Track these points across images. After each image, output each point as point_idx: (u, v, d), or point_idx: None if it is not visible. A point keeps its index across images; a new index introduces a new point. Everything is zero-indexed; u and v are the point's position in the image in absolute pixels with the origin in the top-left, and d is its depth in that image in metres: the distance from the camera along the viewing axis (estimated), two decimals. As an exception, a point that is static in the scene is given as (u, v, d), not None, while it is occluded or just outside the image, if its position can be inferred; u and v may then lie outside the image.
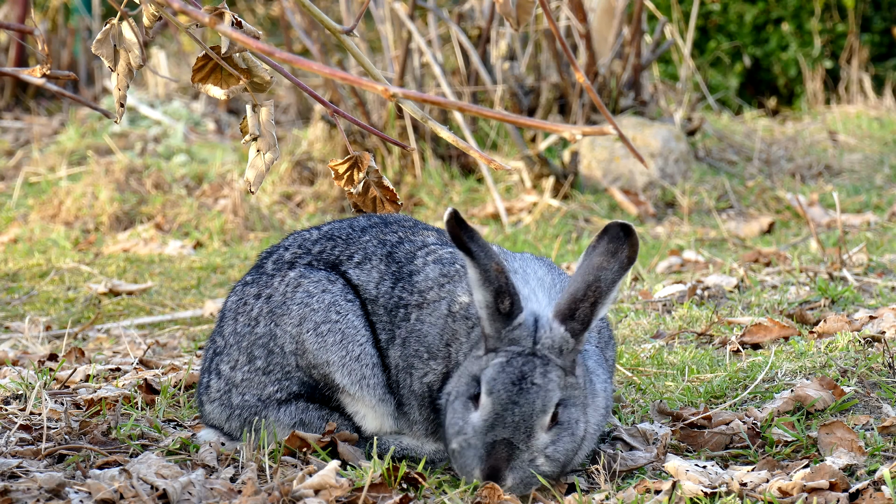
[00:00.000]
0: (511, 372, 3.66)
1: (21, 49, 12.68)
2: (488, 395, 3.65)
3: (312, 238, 4.19)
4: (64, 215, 9.38)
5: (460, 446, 3.68)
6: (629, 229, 3.71)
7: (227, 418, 4.11)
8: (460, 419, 3.70)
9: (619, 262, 3.71)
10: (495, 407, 3.64)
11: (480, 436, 3.65)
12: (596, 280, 3.70)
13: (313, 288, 4.03)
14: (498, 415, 3.64)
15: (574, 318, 3.71)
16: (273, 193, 9.74)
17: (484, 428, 3.65)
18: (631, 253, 3.71)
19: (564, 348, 3.71)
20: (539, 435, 3.66)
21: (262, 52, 2.81)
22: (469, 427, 3.67)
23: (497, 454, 3.63)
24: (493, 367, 3.67)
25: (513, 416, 3.63)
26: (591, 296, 3.70)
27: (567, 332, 3.71)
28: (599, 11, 10.16)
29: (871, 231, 8.20)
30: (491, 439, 3.64)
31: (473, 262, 3.66)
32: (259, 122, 4.01)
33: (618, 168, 9.72)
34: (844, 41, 13.94)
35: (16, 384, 4.89)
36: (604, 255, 3.71)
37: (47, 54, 3.68)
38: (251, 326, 4.07)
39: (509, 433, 3.63)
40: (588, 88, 2.96)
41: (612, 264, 3.71)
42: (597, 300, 3.70)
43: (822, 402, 4.33)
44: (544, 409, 3.65)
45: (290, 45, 12.23)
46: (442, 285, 3.97)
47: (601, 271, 3.70)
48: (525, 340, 3.69)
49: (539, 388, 3.65)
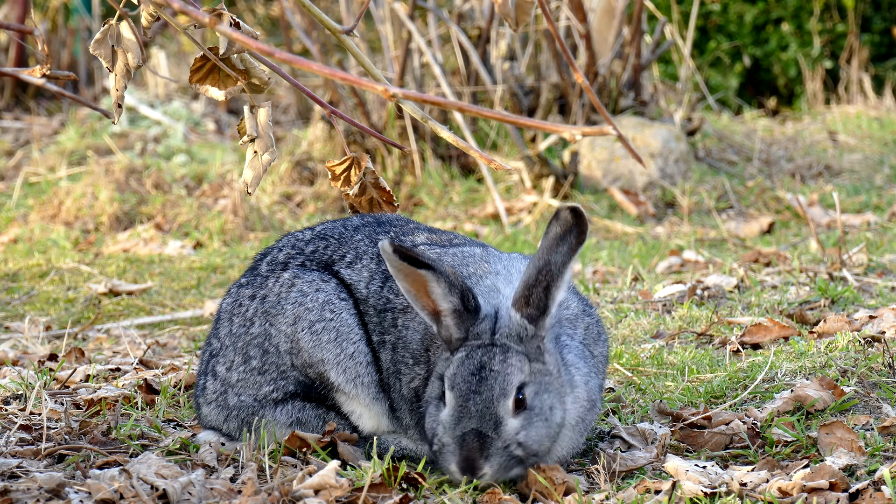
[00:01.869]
0: (470, 364, 3.69)
1: (21, 49, 12.68)
2: (451, 391, 3.68)
3: (306, 238, 4.21)
4: (64, 215, 9.38)
5: (437, 447, 3.71)
6: (578, 212, 3.74)
7: (225, 419, 4.12)
8: (433, 421, 3.73)
9: (568, 244, 3.74)
10: (458, 400, 3.67)
11: (450, 431, 3.68)
12: (546, 264, 3.73)
13: (307, 287, 4.04)
14: (461, 407, 3.66)
15: (529, 304, 3.74)
16: (273, 194, 9.74)
17: (451, 423, 3.67)
18: (579, 234, 3.74)
19: (523, 335, 3.73)
20: (507, 421, 3.67)
21: (262, 53, 2.81)
22: (439, 426, 3.70)
23: (468, 445, 3.65)
24: (455, 363, 3.71)
25: (475, 405, 3.65)
26: (543, 280, 3.73)
27: (524, 318, 3.73)
28: (599, 11, 10.16)
29: (871, 231, 8.20)
30: (460, 432, 3.66)
31: (436, 275, 3.70)
32: (257, 123, 4.01)
33: (618, 168, 9.72)
34: (844, 41, 13.94)
35: (16, 384, 4.89)
36: (554, 240, 3.75)
37: (47, 54, 3.68)
38: (246, 327, 4.08)
39: (476, 423, 3.65)
40: (587, 89, 2.96)
41: (561, 247, 3.74)
42: (549, 284, 3.73)
43: (822, 402, 4.33)
44: (504, 393, 3.67)
45: (289, 46, 12.23)
46: None
47: (551, 255, 3.74)
48: (485, 334, 3.73)
49: (497, 373, 3.68)
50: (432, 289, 3.72)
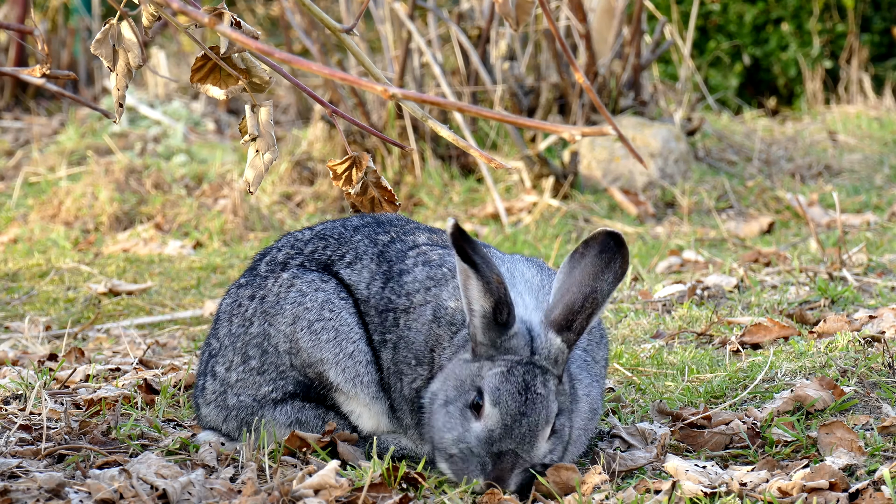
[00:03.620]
0: (515, 381, 3.66)
1: (21, 49, 12.67)
2: (494, 406, 3.65)
3: (305, 238, 4.20)
4: (64, 215, 9.38)
5: (462, 452, 3.68)
6: (619, 238, 3.72)
7: (224, 420, 4.12)
8: (459, 426, 3.69)
9: (614, 273, 3.73)
10: (503, 418, 3.64)
11: (485, 446, 3.65)
12: (593, 292, 3.71)
13: (306, 287, 4.03)
14: (506, 426, 3.64)
15: (571, 330, 3.73)
16: (273, 193, 9.74)
17: (489, 439, 3.65)
18: (623, 264, 3.73)
19: (560, 358, 3.72)
20: (541, 445, 3.67)
21: (262, 53, 2.81)
22: (471, 436, 3.67)
23: (503, 465, 3.64)
24: (495, 377, 3.67)
25: (520, 428, 3.64)
26: (588, 307, 3.72)
27: (563, 342, 3.72)
28: (599, 11, 10.16)
29: (871, 231, 8.20)
30: (497, 450, 3.64)
31: (477, 274, 3.65)
32: (258, 122, 4.01)
33: (618, 168, 9.72)
34: (844, 41, 13.94)
35: (16, 384, 4.89)
36: (597, 266, 3.72)
37: (47, 54, 3.68)
38: (245, 327, 4.08)
39: (515, 444, 3.64)
40: (587, 89, 2.96)
41: (606, 275, 3.72)
42: (592, 311, 3.72)
43: (822, 402, 4.33)
44: (548, 420, 3.67)
45: (289, 45, 12.23)
46: (428, 289, 3.97)
47: (597, 282, 3.71)
48: (522, 350, 3.70)
49: (543, 398, 3.66)
50: (470, 285, 3.68)
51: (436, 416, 3.75)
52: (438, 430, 3.73)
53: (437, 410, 3.75)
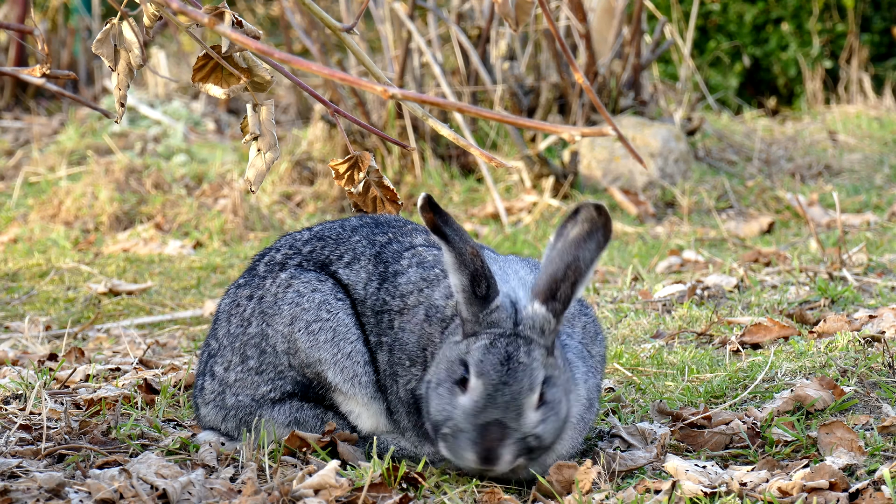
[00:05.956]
0: (497, 352, 3.67)
1: (21, 49, 12.68)
2: (478, 377, 3.66)
3: (303, 239, 4.21)
4: (64, 215, 9.38)
5: (451, 431, 3.68)
6: (602, 209, 3.75)
7: (223, 419, 4.12)
8: (447, 404, 3.70)
9: (596, 241, 3.75)
10: (486, 388, 3.65)
11: (471, 418, 3.65)
12: (575, 260, 3.73)
13: (303, 287, 4.04)
14: (489, 395, 3.65)
15: (555, 298, 3.74)
16: (273, 193, 9.74)
17: (475, 410, 3.65)
18: (606, 232, 3.76)
19: (546, 328, 3.73)
20: (528, 414, 3.67)
21: (262, 53, 2.81)
22: (458, 411, 3.67)
23: (490, 435, 3.64)
24: (479, 350, 3.69)
25: (503, 397, 3.64)
26: (571, 275, 3.73)
27: (549, 311, 3.73)
28: (599, 11, 10.16)
29: (871, 231, 8.20)
30: (482, 421, 3.64)
31: (449, 246, 3.69)
32: (259, 121, 4.01)
33: (618, 168, 9.72)
34: (844, 41, 13.94)
35: (16, 384, 4.89)
36: (580, 236, 3.75)
37: (47, 54, 3.68)
38: (244, 327, 4.09)
39: (500, 413, 3.64)
40: (587, 89, 2.96)
41: (588, 244, 3.74)
42: (576, 280, 3.74)
43: (822, 402, 4.33)
44: (531, 388, 3.66)
45: (289, 45, 12.23)
46: (421, 290, 3.99)
47: (579, 250, 3.74)
48: (505, 322, 3.72)
49: (525, 366, 3.67)
50: (446, 259, 3.71)
51: (430, 401, 3.76)
52: (432, 414, 3.75)
53: (430, 394, 3.76)
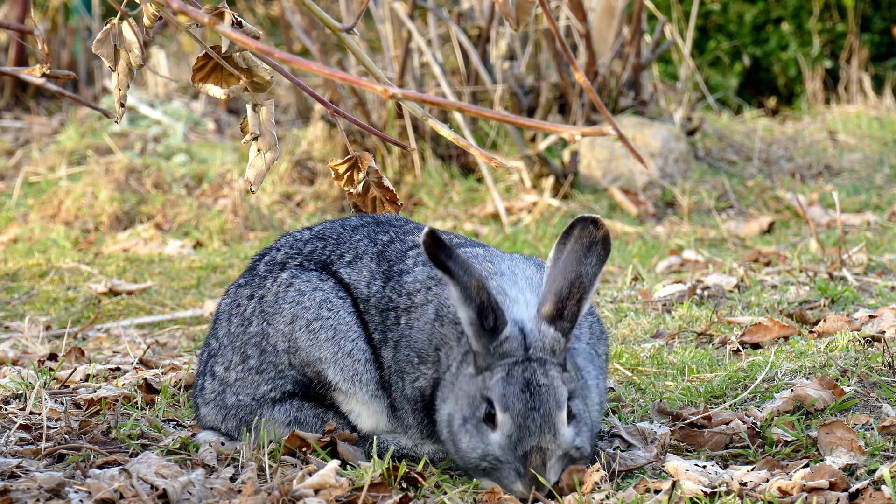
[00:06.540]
0: (515, 382, 3.67)
1: (21, 49, 12.67)
2: (504, 412, 3.66)
3: (304, 239, 4.21)
4: (64, 215, 9.38)
5: (492, 466, 3.69)
6: (599, 222, 3.75)
7: (223, 419, 4.12)
8: (480, 443, 3.70)
9: (596, 255, 3.75)
10: (515, 420, 3.65)
11: (510, 452, 3.66)
12: (578, 276, 3.73)
13: (304, 286, 4.04)
14: (520, 426, 3.65)
15: (563, 318, 3.74)
16: (273, 193, 9.74)
17: (511, 444, 3.66)
18: (606, 245, 3.76)
19: (557, 348, 3.73)
20: (563, 431, 3.68)
21: (262, 53, 2.81)
22: (494, 447, 3.68)
23: (533, 462, 3.64)
24: (498, 384, 3.68)
25: (535, 423, 3.65)
26: (576, 293, 3.73)
27: (557, 332, 3.73)
28: (599, 11, 10.16)
29: (871, 231, 8.20)
30: (521, 451, 3.65)
31: (454, 281, 3.66)
32: (259, 121, 4.01)
33: (618, 168, 9.72)
34: (844, 41, 13.94)
35: (16, 384, 4.89)
36: (579, 252, 3.75)
37: (47, 54, 3.68)
38: (244, 326, 4.09)
39: (536, 440, 3.65)
40: (587, 88, 2.96)
41: (589, 258, 3.74)
42: (581, 296, 3.73)
43: (822, 402, 4.33)
44: (559, 406, 3.67)
45: (289, 45, 12.23)
46: (429, 288, 3.97)
47: (581, 266, 3.73)
48: (517, 351, 3.71)
49: (547, 387, 3.67)
50: (451, 294, 3.69)
51: (458, 438, 3.75)
52: (463, 451, 3.75)
53: (457, 432, 3.76)
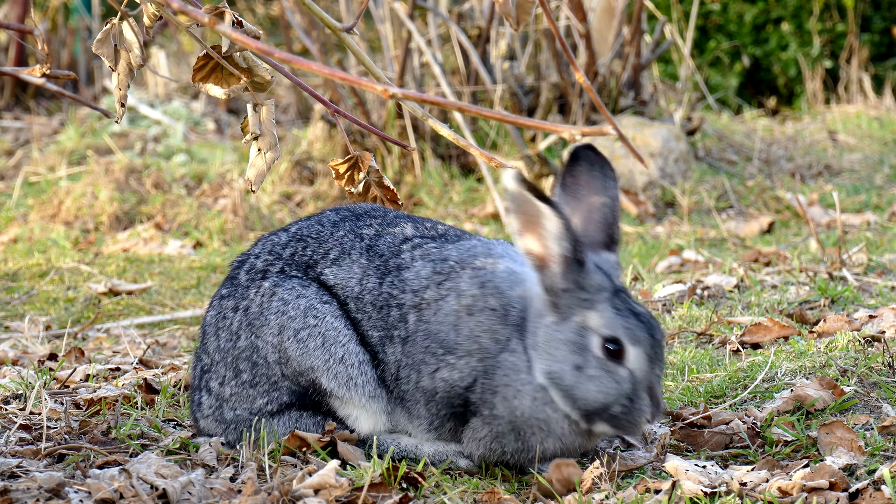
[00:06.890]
0: (626, 314, 3.70)
1: (21, 49, 12.68)
2: (635, 345, 3.69)
3: (282, 242, 4.11)
4: (64, 215, 9.38)
5: (624, 407, 3.70)
6: (596, 149, 3.80)
7: (223, 433, 4.09)
8: (613, 382, 3.69)
9: (609, 177, 3.80)
10: (648, 350, 3.69)
11: (642, 385, 3.69)
12: (611, 200, 3.78)
13: (287, 295, 3.97)
14: (650, 357, 3.69)
15: (614, 241, 3.80)
16: (273, 193, 9.74)
17: (643, 377, 3.69)
18: (610, 168, 3.81)
19: (618, 272, 3.79)
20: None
21: (262, 52, 2.81)
22: (626, 384, 3.69)
23: (656, 392, 3.71)
24: (614, 319, 3.69)
25: (656, 353, 3.71)
26: (613, 215, 3.79)
27: (615, 255, 3.80)
28: (599, 11, 10.16)
29: (871, 231, 8.20)
30: (648, 382, 3.70)
31: (557, 214, 3.65)
32: (260, 120, 4.01)
33: (617, 168, 9.72)
34: (844, 41, 13.94)
35: (16, 384, 4.89)
36: (597, 178, 3.79)
37: (47, 54, 3.68)
38: (233, 341, 4.03)
39: (658, 369, 3.72)
40: (588, 88, 2.96)
41: (608, 182, 3.79)
42: (615, 217, 3.79)
43: (822, 402, 4.33)
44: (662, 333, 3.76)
45: (289, 45, 12.23)
46: (439, 283, 3.90)
47: (606, 191, 3.78)
48: (605, 280, 3.73)
49: (649, 315, 3.73)
50: (547, 228, 3.67)
51: (580, 389, 3.72)
52: (592, 399, 3.72)
53: (575, 384, 3.72)
